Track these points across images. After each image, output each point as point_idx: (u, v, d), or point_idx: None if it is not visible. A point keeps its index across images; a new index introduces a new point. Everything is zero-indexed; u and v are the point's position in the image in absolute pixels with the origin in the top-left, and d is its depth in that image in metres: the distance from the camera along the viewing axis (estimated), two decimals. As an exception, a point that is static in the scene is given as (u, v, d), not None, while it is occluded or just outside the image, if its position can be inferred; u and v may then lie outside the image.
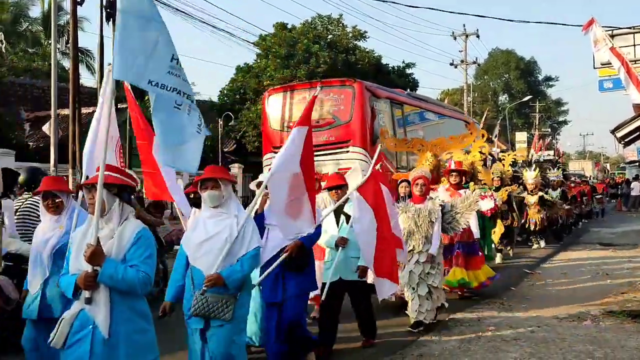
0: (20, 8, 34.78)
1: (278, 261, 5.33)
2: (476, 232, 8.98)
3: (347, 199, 6.07)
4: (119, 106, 17.29)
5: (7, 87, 22.01)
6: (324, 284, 6.02)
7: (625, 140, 13.73)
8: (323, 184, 7.76)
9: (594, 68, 12.16)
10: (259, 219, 5.40)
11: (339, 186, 6.19)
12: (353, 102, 11.92)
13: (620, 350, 6.01)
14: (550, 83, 69.40)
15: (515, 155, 14.99)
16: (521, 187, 15.03)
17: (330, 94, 12.24)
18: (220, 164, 21.69)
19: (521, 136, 44.27)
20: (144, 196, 8.52)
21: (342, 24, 26.88)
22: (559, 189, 18.22)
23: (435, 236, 6.89)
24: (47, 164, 14.26)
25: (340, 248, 6.03)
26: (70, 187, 9.92)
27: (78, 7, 14.55)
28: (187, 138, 3.97)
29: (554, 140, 58.70)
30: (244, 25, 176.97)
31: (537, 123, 55.52)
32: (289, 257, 5.35)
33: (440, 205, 7.03)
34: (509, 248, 13.58)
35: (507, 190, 12.30)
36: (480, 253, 8.96)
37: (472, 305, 8.35)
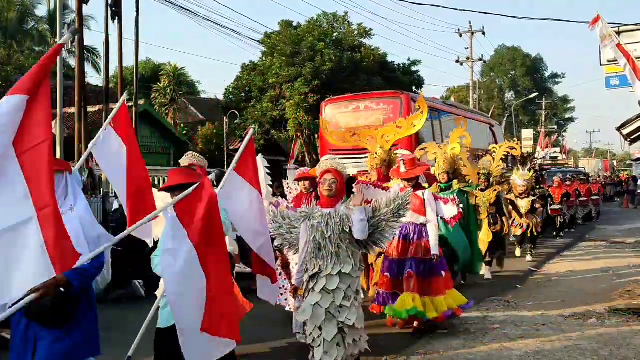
0: (26, 7, 34.92)
1: (19, 305, 3.18)
2: (434, 246, 6.66)
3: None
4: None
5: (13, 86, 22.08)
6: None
7: (632, 137, 13.69)
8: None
9: (601, 65, 12.07)
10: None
11: None
12: (400, 111, 13.72)
13: (625, 348, 6.00)
14: (557, 80, 69.15)
15: (510, 147, 12.06)
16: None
17: (381, 104, 14.33)
18: (225, 162, 21.75)
19: (527, 133, 44.06)
20: None
21: (348, 21, 26.86)
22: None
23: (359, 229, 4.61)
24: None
25: None
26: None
27: (83, 5, 14.57)
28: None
29: (560, 138, 58.55)
30: (250, 23, 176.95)
31: (543, 120, 55.34)
32: (35, 302, 3.20)
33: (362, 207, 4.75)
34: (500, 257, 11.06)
35: (495, 191, 10.51)
36: (444, 273, 6.80)
37: (477, 303, 8.33)
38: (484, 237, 10.20)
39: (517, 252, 13.28)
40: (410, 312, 6.51)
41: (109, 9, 15.20)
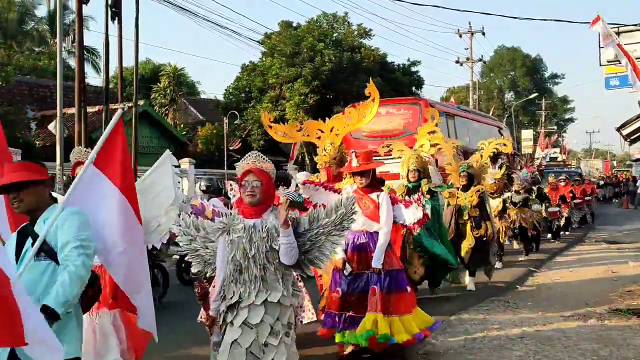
0: (26, 7, 34.95)
1: None
2: (377, 259, 5.64)
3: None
4: (125, 105, 17.38)
5: (13, 86, 22.10)
6: None
7: (632, 137, 13.70)
8: (391, 181, 8.68)
9: (600, 65, 12.09)
10: None
11: None
12: (420, 115, 14.40)
13: (625, 349, 6.00)
14: (557, 80, 69.12)
15: (499, 144, 10.60)
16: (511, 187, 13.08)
17: (401, 109, 15.07)
18: (225, 162, 21.76)
19: (527, 134, 44.06)
20: None
21: (348, 22, 26.89)
22: (523, 193, 13.80)
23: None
24: (53, 163, 14.32)
25: None
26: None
27: (83, 6, 14.58)
28: None
29: (560, 138, 58.53)
30: (250, 23, 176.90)
31: (543, 121, 55.34)
32: None
33: (292, 218, 3.76)
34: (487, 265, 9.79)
35: (478, 191, 9.30)
36: (408, 288, 5.89)
37: (477, 304, 8.34)
38: (466, 244, 9.28)
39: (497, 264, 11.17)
40: (369, 333, 5.43)
41: (109, 9, 15.19)
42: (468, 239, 9.29)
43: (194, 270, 4.05)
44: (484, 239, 9.33)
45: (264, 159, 3.81)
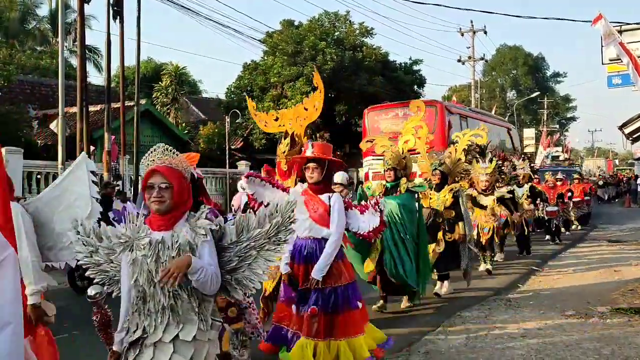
0: (28, 6, 34.99)
1: None
2: (318, 269, 4.83)
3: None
4: (126, 104, 17.41)
5: (15, 85, 22.14)
6: None
7: (634, 136, 13.69)
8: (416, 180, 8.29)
9: (603, 64, 12.07)
10: None
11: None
12: (436, 117, 16.13)
13: (627, 347, 5.99)
14: (559, 79, 69.09)
15: (475, 134, 9.90)
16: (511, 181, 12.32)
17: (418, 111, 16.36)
18: (227, 161, 21.78)
19: (529, 133, 44.06)
20: None
21: (349, 20, 26.89)
22: (526, 184, 14.06)
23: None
24: (55, 162, 14.35)
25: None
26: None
27: (85, 5, 14.60)
28: None
29: (562, 137, 58.48)
30: (251, 22, 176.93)
31: (545, 119, 55.33)
32: None
33: (213, 228, 2.98)
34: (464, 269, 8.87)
35: (452, 190, 8.39)
36: (359, 303, 5.01)
37: (478, 302, 8.33)
38: (436, 248, 8.37)
39: (482, 266, 10.76)
40: None
41: (111, 8, 15.21)
42: (439, 243, 8.38)
43: (90, 292, 3.33)
44: (457, 241, 8.46)
45: (173, 153, 3.03)
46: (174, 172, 2.94)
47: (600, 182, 35.87)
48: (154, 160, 3.00)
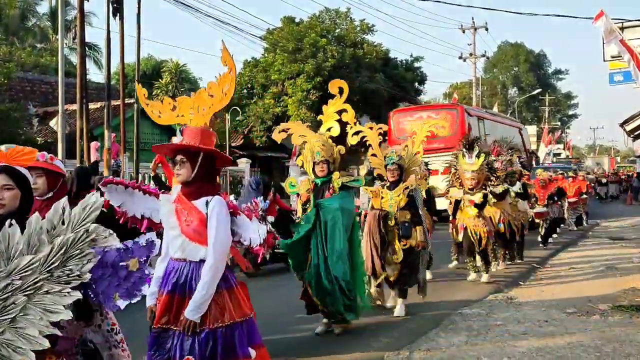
0: (28, 3, 34.96)
1: None
2: (194, 307, 3.34)
3: None
4: (126, 101, 17.38)
5: (15, 83, 22.12)
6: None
7: (635, 133, 13.65)
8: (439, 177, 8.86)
9: (604, 61, 12.04)
10: None
11: None
12: (457, 119, 18.01)
13: (628, 345, 5.96)
14: (560, 76, 69.10)
15: (434, 126, 8.29)
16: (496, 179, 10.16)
17: (440, 113, 18.39)
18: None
19: (531, 130, 44.01)
20: None
21: (350, 17, 26.89)
22: (518, 182, 11.89)
23: None
24: (55, 159, 14.30)
25: None
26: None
27: (85, 2, 14.56)
28: None
29: (563, 134, 58.43)
30: (252, 19, 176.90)
31: (546, 116, 55.31)
32: None
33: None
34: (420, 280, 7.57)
35: (407, 189, 7.06)
36: (252, 351, 3.48)
37: (479, 300, 8.31)
38: (393, 258, 7.12)
39: (471, 276, 9.65)
40: None
41: (111, 5, 15.17)
42: (395, 252, 7.09)
43: None
44: (415, 249, 7.16)
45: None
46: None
47: (603, 180, 35.30)
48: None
